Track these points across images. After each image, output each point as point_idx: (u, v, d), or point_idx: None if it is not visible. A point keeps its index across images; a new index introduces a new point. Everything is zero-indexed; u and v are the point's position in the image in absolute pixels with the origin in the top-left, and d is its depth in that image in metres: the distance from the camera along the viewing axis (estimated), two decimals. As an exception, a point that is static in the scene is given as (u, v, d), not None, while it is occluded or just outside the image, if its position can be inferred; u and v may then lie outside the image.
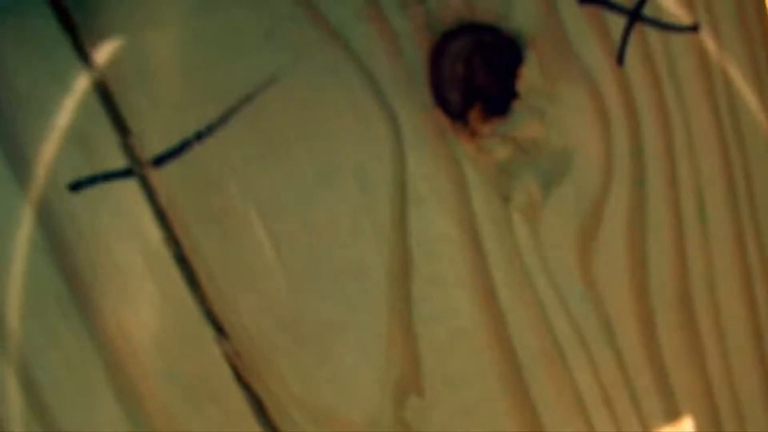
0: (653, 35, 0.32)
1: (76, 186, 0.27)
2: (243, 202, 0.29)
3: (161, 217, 0.28)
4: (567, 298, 0.33)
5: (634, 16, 0.32)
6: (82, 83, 0.27)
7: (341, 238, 0.30)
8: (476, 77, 0.30)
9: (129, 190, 0.28)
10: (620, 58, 0.32)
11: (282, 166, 0.29)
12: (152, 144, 0.28)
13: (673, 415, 0.35)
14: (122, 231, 0.28)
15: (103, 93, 0.27)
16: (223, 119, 0.28)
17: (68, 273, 0.27)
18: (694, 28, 0.33)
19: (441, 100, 0.30)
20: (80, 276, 0.27)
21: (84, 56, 0.27)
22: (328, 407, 0.31)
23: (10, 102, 0.26)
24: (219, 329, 0.29)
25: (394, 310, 0.31)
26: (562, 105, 0.31)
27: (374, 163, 0.30)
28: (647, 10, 0.32)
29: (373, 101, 0.29)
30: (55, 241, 0.27)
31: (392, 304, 0.31)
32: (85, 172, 0.27)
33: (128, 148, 0.27)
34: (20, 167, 0.27)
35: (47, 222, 0.27)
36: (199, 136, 0.28)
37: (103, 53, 0.27)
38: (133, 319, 0.28)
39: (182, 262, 0.28)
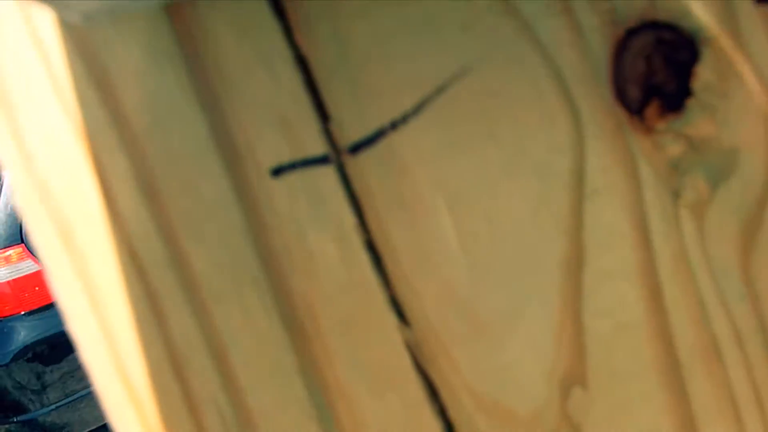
0: (822, 36, 0.34)
1: (277, 171, 0.29)
2: (431, 191, 0.31)
3: (354, 203, 0.30)
4: (727, 295, 0.35)
5: (806, 16, 0.34)
6: (288, 69, 0.29)
7: (520, 230, 0.32)
8: (655, 74, 0.32)
9: (326, 176, 0.30)
10: (790, 58, 0.34)
11: (469, 157, 0.31)
12: (349, 131, 0.30)
13: (820, 416, 0.37)
14: (317, 217, 0.30)
15: (308, 79, 0.29)
16: (417, 109, 0.30)
17: (264, 255, 0.30)
18: None
19: (620, 95, 0.32)
20: (275, 259, 0.30)
21: (292, 42, 0.29)
22: (496, 396, 0.33)
23: (221, 85, 0.28)
24: (402, 317, 0.31)
25: (566, 302, 0.33)
26: (733, 103, 0.34)
27: (556, 156, 0.32)
28: (817, 11, 0.34)
29: (558, 94, 0.32)
30: (254, 224, 0.29)
31: (564, 296, 0.33)
32: (286, 156, 0.29)
33: (328, 135, 0.29)
34: (226, 149, 0.29)
35: (248, 205, 0.29)
36: (394, 125, 0.30)
37: (309, 40, 0.29)
38: (322, 304, 0.30)
39: (370, 248, 0.31)
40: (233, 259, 0.29)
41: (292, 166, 0.29)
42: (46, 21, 0.26)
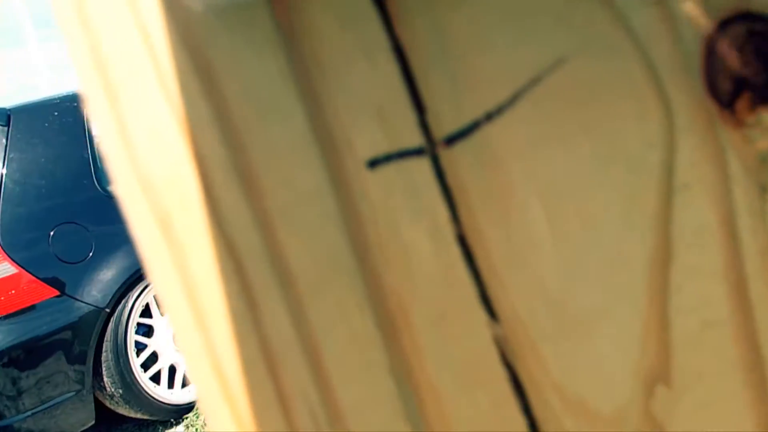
0: None
1: (373, 163, 0.31)
2: (524, 184, 0.32)
3: (448, 196, 0.31)
4: (811, 293, 0.36)
5: None
6: (387, 59, 0.30)
7: (611, 225, 0.33)
8: (747, 66, 0.34)
9: (421, 168, 0.31)
10: None
11: (562, 150, 0.32)
12: (445, 123, 0.31)
13: None
14: (412, 209, 0.31)
15: (405, 69, 0.30)
16: (512, 100, 0.32)
17: (359, 249, 0.31)
18: None
19: (712, 87, 0.34)
20: (369, 252, 0.31)
21: (391, 33, 0.30)
22: (581, 393, 0.34)
23: (320, 75, 0.30)
24: (491, 312, 0.33)
25: (653, 299, 0.34)
26: (822, 97, 0.35)
27: (647, 150, 0.33)
28: None
29: (651, 86, 0.33)
30: (349, 216, 0.31)
31: (651, 292, 0.34)
32: (383, 148, 0.31)
33: (424, 126, 0.31)
34: (324, 140, 0.30)
35: (344, 196, 0.30)
36: (489, 117, 0.31)
37: (408, 30, 0.30)
38: (414, 298, 0.32)
39: (461, 241, 0.32)
40: (328, 252, 0.30)
41: (388, 158, 0.30)
42: (153, 12, 0.27)
